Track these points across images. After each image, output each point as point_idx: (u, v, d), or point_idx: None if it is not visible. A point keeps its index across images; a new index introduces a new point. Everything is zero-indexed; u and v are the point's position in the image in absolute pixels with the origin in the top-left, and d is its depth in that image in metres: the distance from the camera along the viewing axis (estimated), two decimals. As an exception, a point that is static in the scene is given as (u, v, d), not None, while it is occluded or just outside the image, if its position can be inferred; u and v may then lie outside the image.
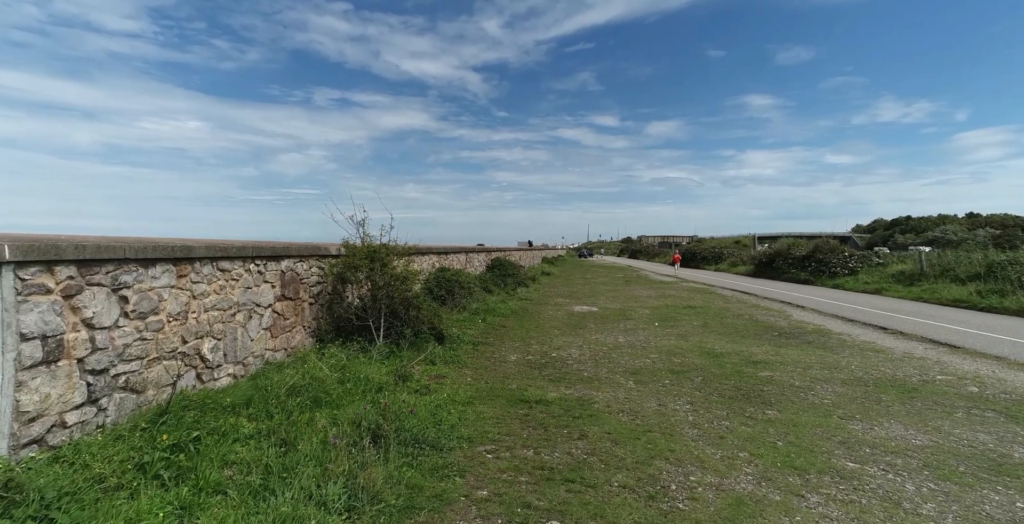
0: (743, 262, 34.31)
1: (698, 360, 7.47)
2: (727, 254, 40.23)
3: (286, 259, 6.21)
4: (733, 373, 6.64)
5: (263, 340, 5.70)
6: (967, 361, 7.16)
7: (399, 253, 7.79)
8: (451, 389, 5.87)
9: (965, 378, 6.20)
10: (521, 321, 11.64)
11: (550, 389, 6.01)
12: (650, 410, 5.17)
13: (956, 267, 15.66)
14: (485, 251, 19.93)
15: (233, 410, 4.32)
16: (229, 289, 5.10)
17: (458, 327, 9.86)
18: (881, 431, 4.42)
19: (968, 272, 14.92)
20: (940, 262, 16.70)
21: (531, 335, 9.86)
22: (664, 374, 6.72)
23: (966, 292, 13.69)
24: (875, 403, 5.27)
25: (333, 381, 5.27)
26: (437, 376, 6.57)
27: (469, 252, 17.16)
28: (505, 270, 19.30)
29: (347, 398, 5.06)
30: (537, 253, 43.43)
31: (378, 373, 5.92)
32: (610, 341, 9.24)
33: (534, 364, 7.42)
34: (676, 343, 8.87)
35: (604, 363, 7.46)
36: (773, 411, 5.06)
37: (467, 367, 7.14)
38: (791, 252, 25.63)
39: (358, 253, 7.15)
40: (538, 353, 8.20)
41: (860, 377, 6.34)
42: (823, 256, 22.59)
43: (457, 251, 15.66)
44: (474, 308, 11.98)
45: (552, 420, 4.85)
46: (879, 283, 17.97)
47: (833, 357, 7.53)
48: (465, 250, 16.69)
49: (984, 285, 13.56)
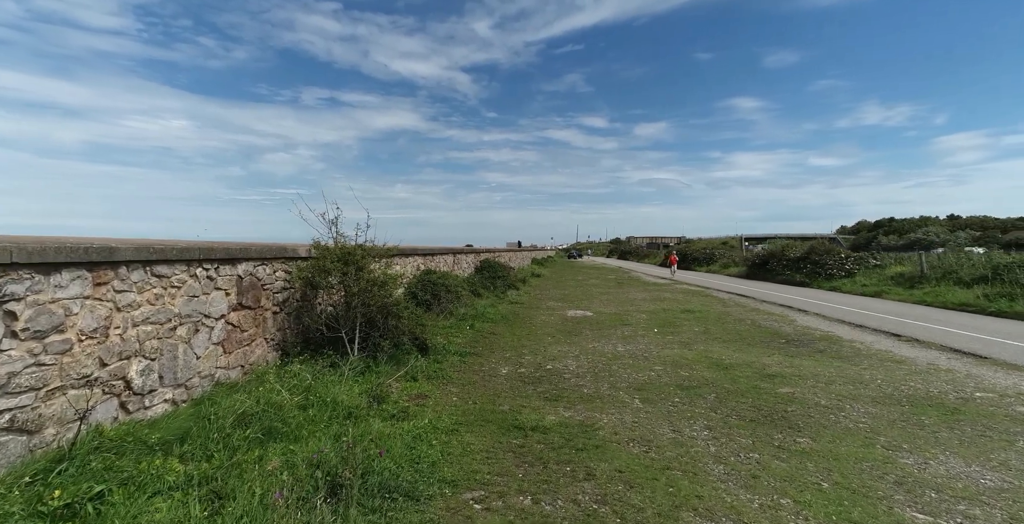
0: (735, 263, 33.93)
1: (707, 373, 6.79)
2: (718, 255, 39.85)
3: (244, 262, 5.41)
4: (749, 389, 5.97)
5: (213, 357, 4.88)
6: (1000, 374, 6.57)
7: (377, 255, 7.02)
8: (434, 412, 5.11)
9: (1007, 395, 5.59)
10: (512, 328, 10.90)
11: (547, 411, 5.28)
12: (664, 438, 4.47)
13: (959, 269, 15.24)
14: (474, 252, 19.16)
15: (163, 448, 3.52)
16: (168, 298, 4.29)
17: (444, 335, 9.10)
18: (940, 467, 3.75)
19: (972, 275, 14.49)
20: (941, 264, 16.29)
21: (523, 344, 9.13)
22: (672, 390, 6.03)
23: (972, 296, 13.23)
24: (918, 428, 4.61)
25: (293, 406, 4.48)
26: (418, 396, 5.80)
27: (457, 253, 16.38)
28: (494, 272, 18.56)
29: (309, 427, 4.28)
30: (527, 254, 42.77)
31: (349, 394, 5.14)
32: (609, 350, 8.54)
33: (528, 378, 6.69)
34: (680, 352, 8.20)
35: (605, 377, 6.75)
36: (805, 439, 4.38)
37: (453, 383, 6.39)
38: (785, 253, 25.20)
39: (330, 255, 6.35)
40: (532, 365, 7.47)
41: (890, 394, 5.70)
42: (819, 257, 22.16)
43: (444, 252, 14.88)
44: (462, 313, 11.22)
45: (552, 453, 4.11)
46: (878, 285, 17.52)
47: (853, 369, 6.90)
48: (452, 251, 15.92)
49: (991, 288, 13.11)
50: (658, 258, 56.12)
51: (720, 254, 40.24)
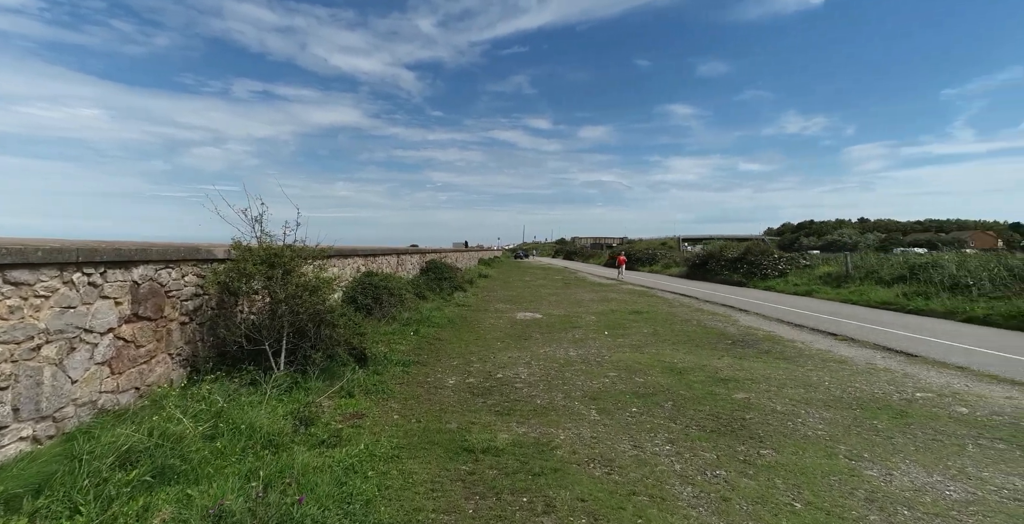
0: (676, 264, 35.05)
1: (662, 379, 6.60)
2: (660, 256, 41.10)
3: (142, 265, 4.56)
4: (705, 395, 5.80)
5: (96, 380, 4.04)
6: (933, 373, 6.82)
7: (309, 256, 6.29)
8: (371, 435, 4.53)
9: (944, 395, 5.75)
10: (459, 332, 10.36)
11: (499, 427, 4.83)
12: (626, 456, 4.14)
13: (880, 269, 16.31)
14: (419, 253, 18.39)
15: (6, 505, 2.75)
16: (30, 311, 3.45)
17: (386, 343, 8.43)
18: (904, 478, 3.64)
19: (891, 274, 15.52)
20: (864, 264, 17.39)
21: (471, 350, 8.63)
22: (629, 398, 5.76)
23: (892, 294, 14.14)
24: (873, 433, 4.56)
25: (197, 437, 3.75)
26: (354, 415, 5.17)
27: (401, 254, 15.59)
28: (441, 273, 17.90)
29: (216, 462, 3.58)
30: (474, 254, 42.20)
31: (271, 417, 4.45)
32: (561, 355, 8.22)
33: (477, 389, 6.21)
34: (632, 356, 8.01)
35: (558, 385, 6.40)
36: (768, 450, 4.20)
37: (395, 398, 5.79)
38: (723, 254, 26.22)
39: (252, 257, 5.57)
40: (481, 374, 6.99)
41: (840, 397, 5.71)
42: (754, 258, 23.17)
43: (387, 253, 14.08)
44: (405, 318, 10.55)
45: (506, 480, 3.66)
46: (808, 285, 18.47)
47: (800, 371, 6.95)
48: (396, 251, 15.12)
49: (908, 287, 14.06)
50: (602, 258, 57.26)
51: (661, 255, 41.54)
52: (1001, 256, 13.26)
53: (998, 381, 6.31)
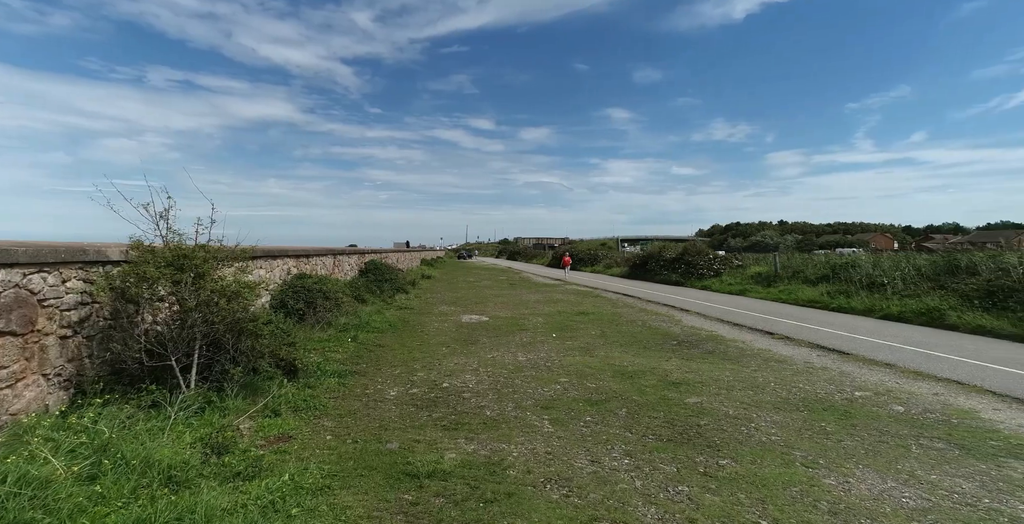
0: (617, 264, 35.86)
1: (613, 384, 6.43)
2: (602, 256, 41.98)
3: (3, 269, 3.73)
4: (658, 401, 5.66)
5: (-66, 414, 3.22)
6: (865, 370, 7.12)
7: (228, 258, 5.55)
8: (299, 461, 3.96)
9: (880, 393, 5.95)
10: (402, 338, 9.78)
11: (446, 445, 4.41)
12: (584, 473, 3.85)
13: (805, 269, 17.32)
14: (358, 253, 17.44)
15: None
16: None
17: (320, 351, 7.74)
18: (862, 486, 3.60)
19: (816, 274, 16.52)
20: (791, 264, 18.43)
21: (415, 357, 8.11)
22: (582, 407, 5.52)
23: (818, 293, 15.01)
24: (824, 437, 4.57)
25: (69, 480, 3.06)
26: (279, 437, 4.56)
27: (338, 254, 14.65)
28: (381, 274, 17.08)
29: (95, 511, 2.91)
30: (416, 254, 41.16)
31: (175, 447, 3.78)
32: (509, 360, 7.89)
33: (421, 401, 5.74)
34: (582, 360, 7.83)
35: (508, 394, 6.06)
36: (727, 460, 4.06)
37: (328, 415, 5.21)
38: (662, 255, 27.04)
39: (156, 259, 4.79)
40: (425, 383, 6.52)
41: (787, 398, 5.77)
42: (692, 258, 24.03)
43: (322, 254, 13.15)
44: (343, 323, 9.83)
45: (455, 511, 3.25)
46: (742, 284, 19.34)
47: (746, 372, 7.03)
48: (333, 252, 14.18)
49: (831, 286, 14.99)
50: (546, 259, 57.78)
51: (603, 255, 42.44)
52: (910, 256, 14.43)
53: (923, 377, 6.66)
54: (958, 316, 10.15)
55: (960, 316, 10.12)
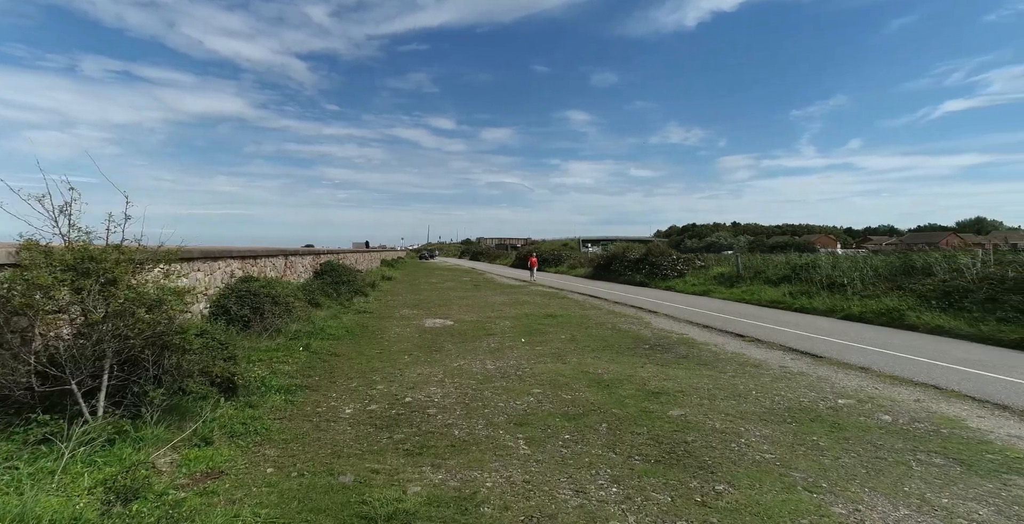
0: (581, 264, 35.87)
1: (590, 394, 6.01)
2: (565, 256, 41.98)
3: None
4: (639, 414, 5.27)
5: None
6: (842, 375, 6.99)
7: (150, 260, 4.76)
8: (229, 505, 3.30)
9: (863, 400, 5.78)
10: (360, 345, 9.06)
11: (409, 475, 3.83)
12: (569, 507, 3.37)
13: (767, 270, 17.60)
14: (313, 254, 16.40)
15: None
16: None
17: (267, 363, 6.97)
18: (874, 514, 3.28)
19: (777, 274, 16.78)
20: (753, 265, 18.72)
21: (374, 367, 7.44)
22: (559, 422, 5.05)
23: (780, 294, 15.21)
24: (819, 454, 4.27)
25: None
26: (208, 473, 3.85)
27: (290, 255, 13.65)
28: (338, 276, 16.14)
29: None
30: (375, 255, 39.89)
31: (68, 494, 3.05)
32: (477, 369, 7.36)
33: (381, 420, 5.12)
34: (555, 368, 7.38)
35: (478, 408, 5.53)
36: (724, 485, 3.68)
37: (271, 440, 4.52)
38: (626, 255, 27.13)
39: (52, 262, 3.97)
40: (386, 398, 5.90)
41: (771, 408, 5.50)
42: (655, 259, 24.16)
43: (272, 254, 12.16)
44: (294, 331, 9.01)
45: (419, 569, 2.69)
46: (705, 285, 19.50)
47: (724, 378, 6.76)
48: (285, 253, 13.19)
49: (793, 286, 15.22)
50: (509, 259, 57.41)
51: (566, 255, 42.46)
52: (868, 257, 14.82)
53: (900, 382, 6.57)
54: (917, 316, 10.37)
55: (919, 316, 10.34)
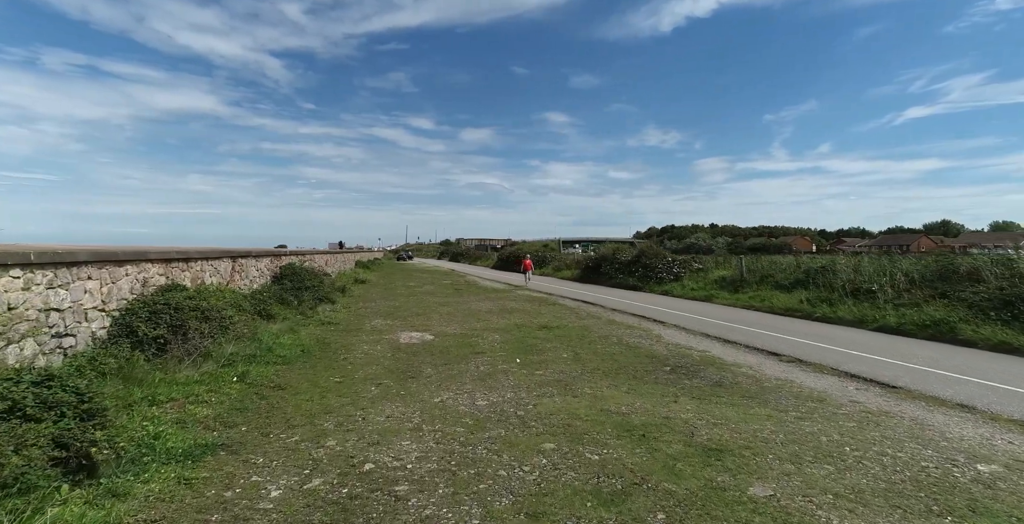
0: (567, 266, 34.30)
1: (624, 453, 4.32)
2: (550, 258, 40.39)
3: None
4: (707, 493, 3.60)
5: None
6: (941, 416, 5.45)
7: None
8: None
9: (1012, 468, 4.22)
10: (315, 371, 7.19)
11: None
12: None
13: (775, 274, 16.24)
14: (271, 255, 14.31)
15: None
16: None
17: (177, 405, 5.11)
18: None
19: (788, 279, 15.42)
20: (758, 268, 17.36)
21: (328, 406, 5.62)
22: (591, 510, 3.35)
23: (795, 300, 13.82)
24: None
25: None
26: None
27: (239, 257, 11.58)
28: (301, 281, 14.15)
29: None
30: (350, 256, 37.65)
31: None
32: (465, 407, 5.62)
33: (325, 511, 3.32)
34: (565, 404, 5.69)
35: (469, 483, 3.79)
36: None
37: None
38: (617, 257, 25.64)
39: None
40: (336, 464, 4.10)
41: (890, 481, 3.89)
42: (649, 261, 22.71)
43: (214, 257, 10.11)
44: (229, 354, 7.09)
45: None
46: (706, 290, 18.09)
47: (791, 422, 5.15)
48: (231, 254, 11.12)
49: (809, 292, 13.85)
50: (490, 260, 55.55)
51: (551, 257, 40.86)
52: (895, 260, 13.53)
53: (1024, 427, 5.06)
54: (973, 330, 8.99)
55: (975, 330, 8.96)
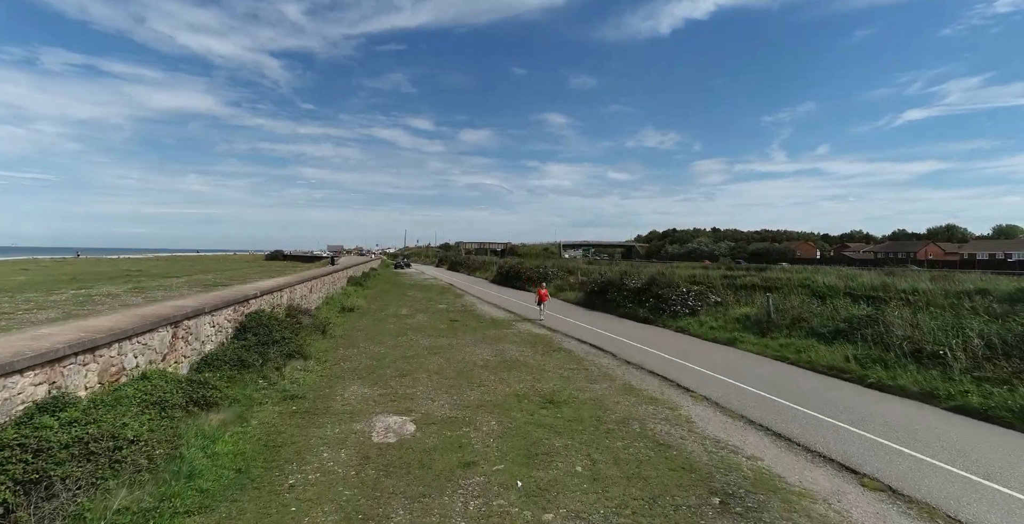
0: (571, 287, 32.41)
1: None
2: (552, 275, 38.50)
3: None
4: None
5: None
6: None
7: None
8: None
9: None
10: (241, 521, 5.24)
11: None
12: None
13: (808, 318, 14.34)
14: (235, 304, 12.23)
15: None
16: None
17: None
18: None
19: (825, 326, 13.52)
20: (788, 309, 15.46)
21: None
22: None
23: (839, 356, 11.91)
24: None
25: None
26: None
27: (185, 320, 9.47)
28: (268, 333, 12.22)
29: None
30: (341, 274, 35.65)
31: None
32: None
33: None
34: None
35: None
36: None
37: None
38: (625, 283, 23.77)
39: None
40: None
41: None
42: (661, 291, 20.82)
43: (144, 330, 7.98)
44: (114, 511, 5.13)
45: None
46: (728, 330, 16.20)
47: None
48: (173, 320, 8.89)
49: (855, 348, 11.94)
50: (490, 272, 53.65)
51: (553, 273, 38.95)
52: (960, 313, 11.62)
53: None
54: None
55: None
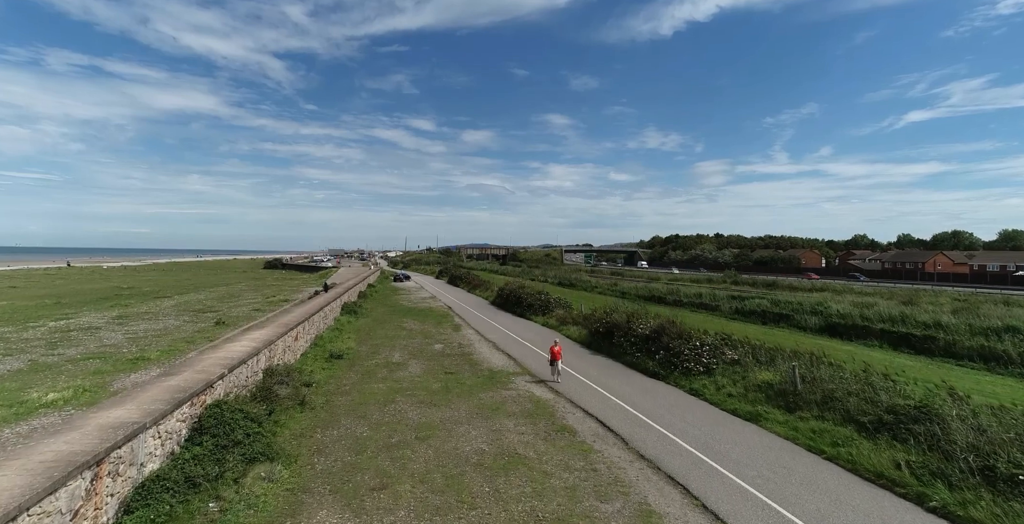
0: (575, 320, 30.79)
1: None
2: (554, 303, 36.93)
3: None
4: None
5: None
6: None
7: None
8: None
9: None
10: None
11: None
12: None
13: (844, 398, 12.72)
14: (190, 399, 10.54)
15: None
16: None
17: None
18: None
19: (864, 414, 11.89)
20: (818, 381, 13.84)
21: None
22: None
23: (886, 460, 10.28)
24: None
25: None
26: None
27: (111, 451, 7.75)
28: (229, 433, 10.66)
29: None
30: (336, 304, 34.12)
31: None
32: None
33: None
34: None
35: None
36: None
37: None
38: (632, 328, 22.18)
39: None
40: None
41: None
42: (672, 343, 19.23)
43: (53, 489, 6.34)
44: None
45: None
46: (749, 400, 14.59)
47: None
48: (96, 459, 7.32)
49: (907, 452, 10.32)
50: (491, 293, 52.10)
51: (555, 301, 37.36)
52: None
53: None
54: None
55: None
